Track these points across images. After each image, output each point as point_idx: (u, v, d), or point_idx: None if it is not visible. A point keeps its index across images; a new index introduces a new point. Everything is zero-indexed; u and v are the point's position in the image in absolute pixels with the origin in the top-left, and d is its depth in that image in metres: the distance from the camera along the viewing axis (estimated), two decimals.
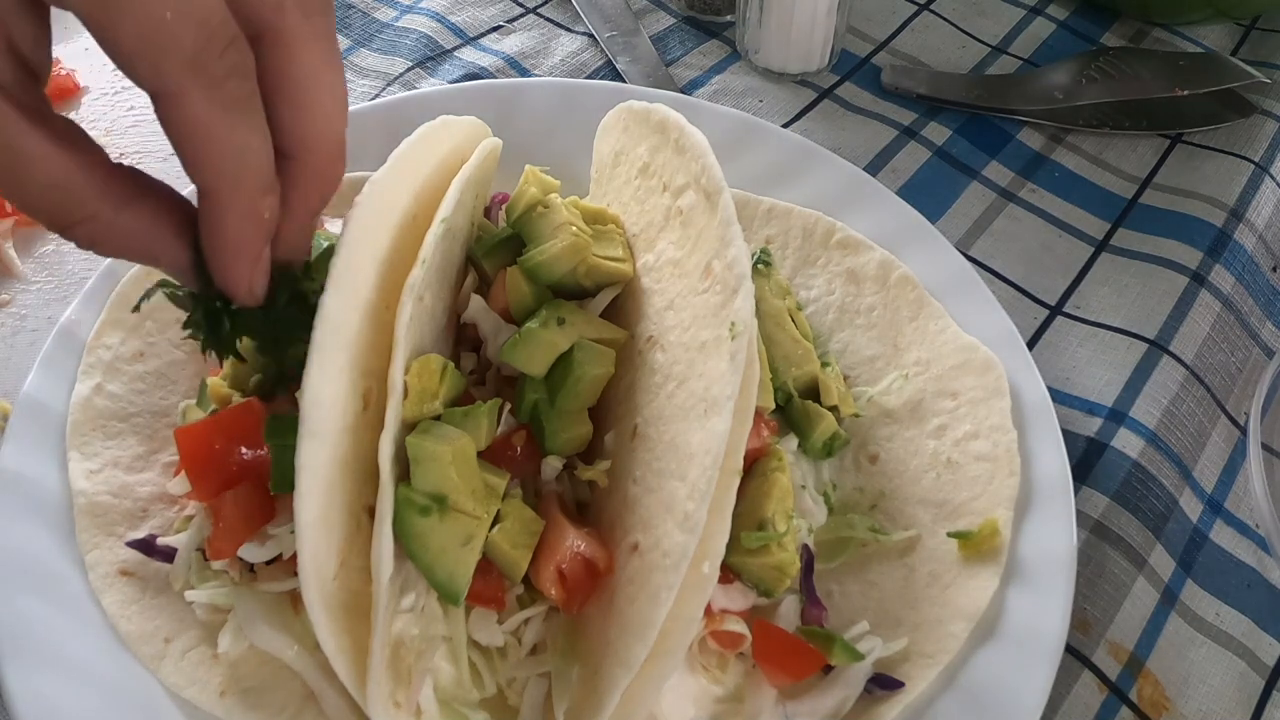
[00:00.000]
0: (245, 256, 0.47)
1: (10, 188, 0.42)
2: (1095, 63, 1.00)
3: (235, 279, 0.48)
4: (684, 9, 1.07)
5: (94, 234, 0.44)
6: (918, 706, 0.59)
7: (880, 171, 0.93)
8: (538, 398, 0.61)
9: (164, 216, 0.46)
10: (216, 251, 0.47)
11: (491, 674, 0.59)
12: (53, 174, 0.42)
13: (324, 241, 0.58)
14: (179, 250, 0.47)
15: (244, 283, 0.48)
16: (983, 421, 0.68)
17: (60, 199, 0.42)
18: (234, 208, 0.45)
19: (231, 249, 0.46)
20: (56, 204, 0.43)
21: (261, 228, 0.47)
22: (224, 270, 0.47)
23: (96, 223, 0.44)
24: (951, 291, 0.75)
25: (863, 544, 0.67)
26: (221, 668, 0.60)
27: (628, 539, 0.55)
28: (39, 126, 0.41)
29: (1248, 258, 0.89)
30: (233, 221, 0.45)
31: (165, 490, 0.67)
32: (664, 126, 0.67)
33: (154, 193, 0.47)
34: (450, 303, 0.66)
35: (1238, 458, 0.77)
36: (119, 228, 0.45)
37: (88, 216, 0.43)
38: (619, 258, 0.65)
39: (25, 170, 0.41)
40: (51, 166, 0.42)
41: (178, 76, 0.40)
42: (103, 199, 0.43)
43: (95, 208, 0.43)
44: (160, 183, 0.47)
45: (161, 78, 0.40)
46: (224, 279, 0.48)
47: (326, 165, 0.48)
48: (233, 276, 0.48)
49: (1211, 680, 0.66)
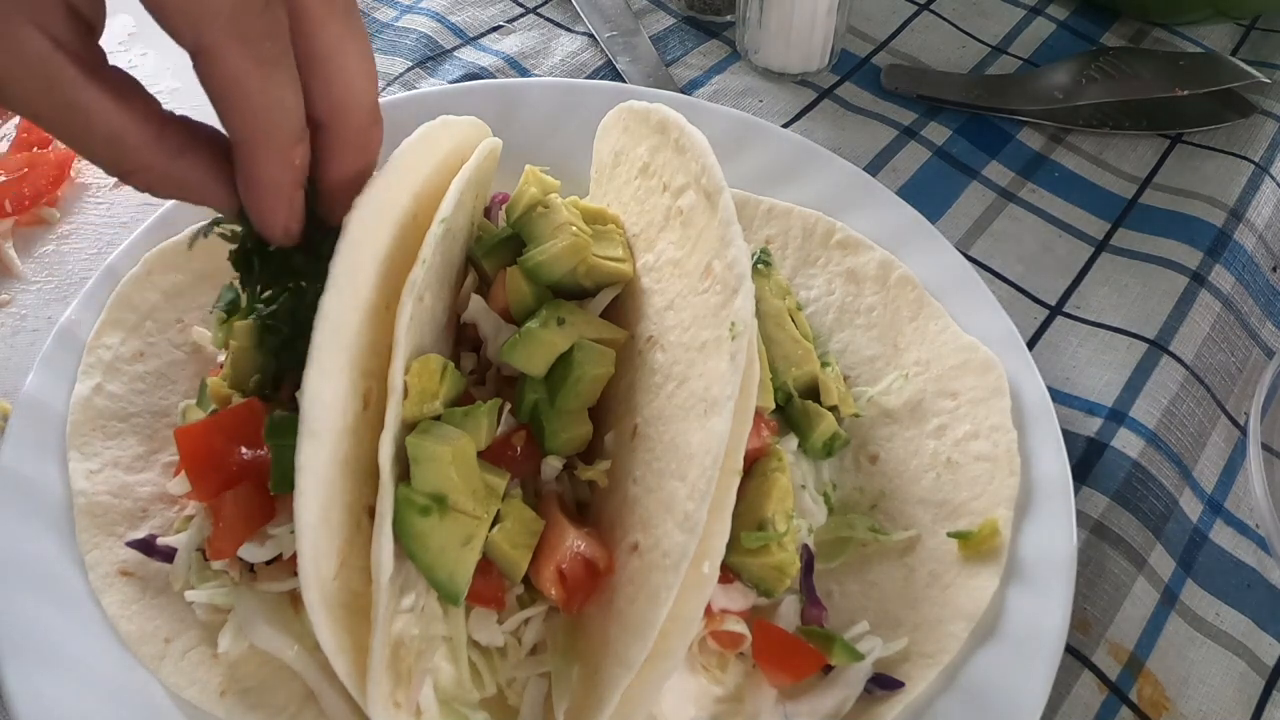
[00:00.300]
0: (280, 200, 0.50)
1: (71, 140, 0.45)
2: (1095, 63, 1.00)
3: (270, 221, 0.51)
4: (684, 9, 1.07)
5: (150, 181, 0.48)
6: (918, 706, 0.59)
7: (880, 171, 0.93)
8: (538, 398, 0.61)
9: (214, 163, 0.49)
10: (252, 196, 0.50)
11: (491, 674, 0.59)
12: (110, 127, 0.44)
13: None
14: (228, 194, 0.50)
15: (279, 224, 0.51)
16: (983, 421, 0.68)
17: (118, 152, 0.45)
18: (268, 156, 0.48)
19: (266, 193, 0.49)
20: (115, 155, 0.46)
21: (293, 174, 0.50)
22: (259, 213, 0.51)
23: (152, 172, 0.47)
24: (951, 291, 0.75)
25: (863, 544, 0.67)
26: (221, 668, 0.60)
27: (628, 539, 0.55)
28: (96, 81, 0.43)
29: (1248, 258, 0.89)
30: (267, 168, 0.48)
31: (165, 490, 0.67)
32: (664, 126, 0.67)
33: (205, 140, 0.49)
34: (450, 303, 0.66)
35: (1238, 458, 0.77)
36: (173, 176, 0.48)
37: (144, 166, 0.46)
38: (619, 258, 0.65)
39: (85, 124, 0.44)
40: (109, 120, 0.44)
41: (217, 34, 0.42)
42: (157, 149, 0.46)
43: (150, 158, 0.46)
44: (209, 128, 0.49)
45: (201, 35, 0.42)
46: (260, 221, 0.51)
47: (359, 132, 0.51)
48: (268, 219, 0.51)
49: (1211, 680, 0.66)
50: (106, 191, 0.89)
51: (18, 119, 0.93)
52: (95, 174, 0.90)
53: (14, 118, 0.94)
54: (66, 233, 0.86)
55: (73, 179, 0.89)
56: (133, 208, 0.88)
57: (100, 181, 0.90)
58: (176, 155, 0.47)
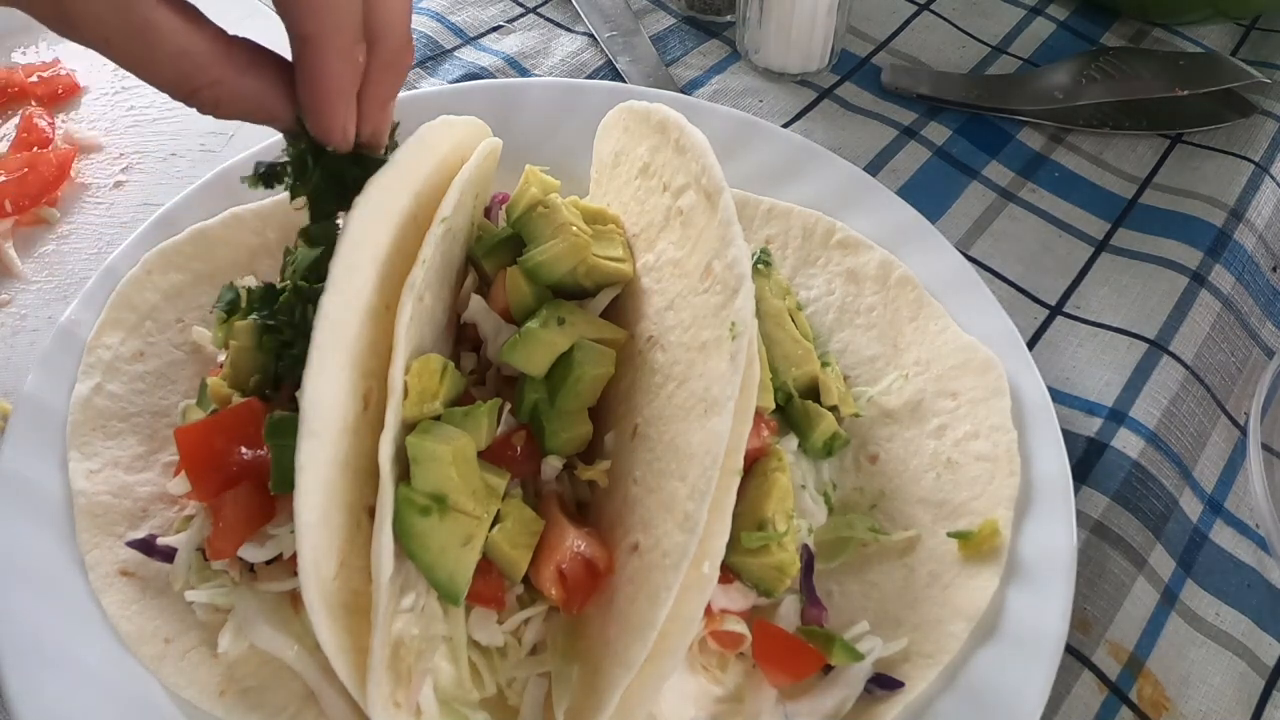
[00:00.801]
0: (342, 96, 0.53)
1: (141, 57, 0.47)
2: (1095, 63, 1.00)
3: (331, 117, 0.53)
4: (684, 9, 1.07)
5: (219, 96, 0.50)
6: (918, 706, 0.59)
7: (880, 171, 0.93)
8: (538, 398, 0.61)
9: (278, 79, 0.52)
10: (316, 92, 0.52)
11: (491, 674, 0.58)
12: (181, 43, 0.47)
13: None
14: (290, 107, 0.53)
15: (339, 122, 0.54)
16: (983, 421, 0.68)
17: (189, 66, 0.48)
18: (334, 50, 0.50)
19: (330, 88, 0.52)
20: (185, 71, 0.48)
21: (355, 70, 0.52)
22: (321, 108, 0.52)
23: (222, 86, 0.49)
24: (951, 291, 0.75)
25: (863, 544, 0.67)
26: (221, 668, 0.60)
27: (628, 539, 0.55)
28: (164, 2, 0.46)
29: (1248, 258, 0.89)
30: (332, 62, 0.50)
31: (165, 490, 0.67)
32: (664, 126, 0.67)
33: (268, 58, 0.52)
34: (450, 303, 0.66)
35: (1238, 458, 0.77)
36: (241, 90, 0.50)
37: (214, 80, 0.49)
38: (619, 258, 0.65)
39: (157, 40, 0.46)
40: (180, 37, 0.47)
41: None
42: (226, 64, 0.49)
43: (220, 72, 0.49)
44: (270, 51, 0.52)
45: None
46: (321, 118, 0.53)
47: (398, 52, 0.54)
48: (329, 115, 0.53)
49: (1211, 680, 0.66)
50: (106, 191, 0.89)
51: (18, 119, 0.93)
52: (95, 174, 0.90)
53: (14, 118, 0.94)
54: (66, 233, 0.86)
55: (73, 179, 0.89)
56: (133, 208, 0.88)
57: (100, 181, 0.90)
58: (244, 70, 0.50)
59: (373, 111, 0.56)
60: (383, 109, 0.57)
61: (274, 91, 0.52)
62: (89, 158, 0.92)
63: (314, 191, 0.59)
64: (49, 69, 0.97)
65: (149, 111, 0.95)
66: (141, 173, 0.90)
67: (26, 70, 0.96)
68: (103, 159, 0.92)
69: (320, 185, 0.59)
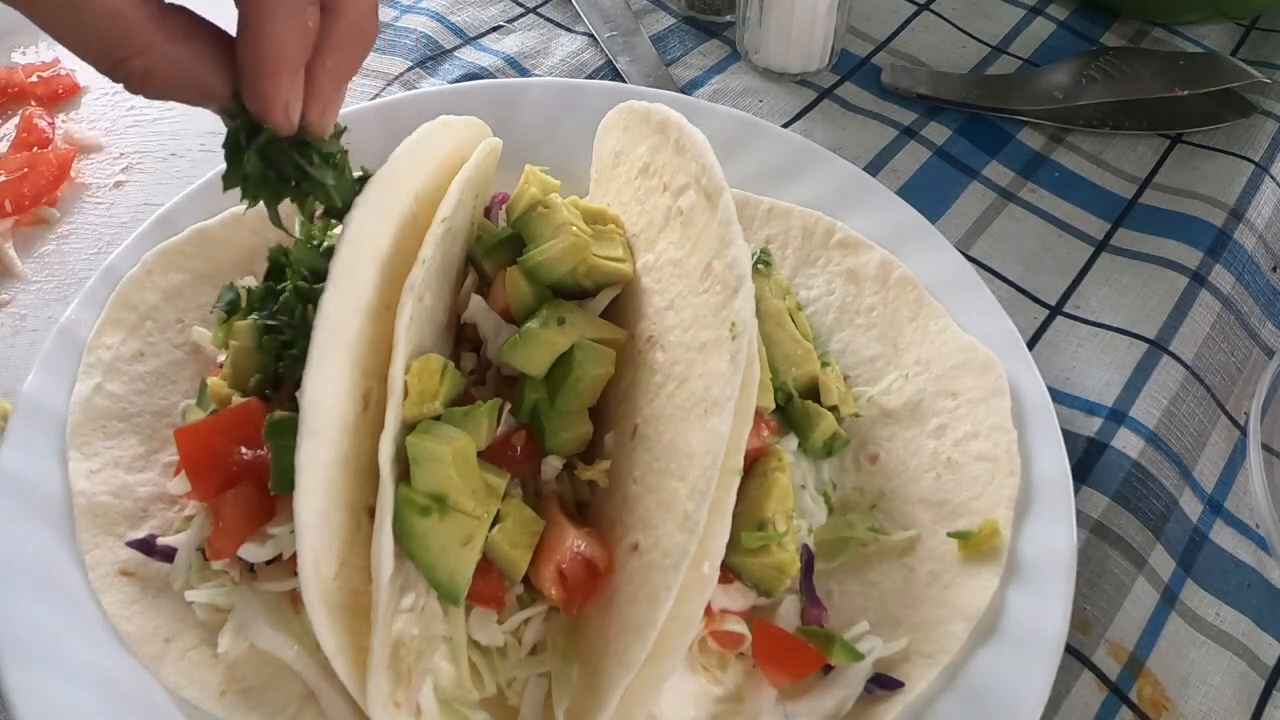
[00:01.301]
0: (285, 66, 0.46)
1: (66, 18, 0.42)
2: (1095, 63, 1.00)
3: (272, 89, 0.47)
4: (684, 9, 1.07)
5: (149, 66, 0.44)
6: (918, 706, 0.59)
7: (880, 171, 0.93)
8: (538, 398, 0.61)
9: (215, 51, 0.46)
10: (256, 57, 0.46)
11: (491, 674, 0.59)
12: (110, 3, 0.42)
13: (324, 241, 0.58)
14: (227, 85, 0.47)
15: (280, 96, 0.47)
16: (983, 421, 0.68)
17: (119, 30, 0.43)
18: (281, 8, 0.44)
19: (273, 56, 0.46)
20: (115, 36, 0.43)
21: (304, 36, 0.46)
22: (261, 77, 0.46)
23: (152, 55, 0.44)
24: (951, 291, 0.75)
25: (863, 544, 0.67)
26: (221, 668, 0.60)
27: (628, 539, 0.55)
28: None
29: (1248, 258, 0.89)
30: (278, 25, 0.45)
31: (165, 490, 0.67)
32: (664, 126, 0.67)
33: (207, 30, 0.47)
34: (450, 303, 0.66)
35: (1238, 458, 0.77)
36: (173, 61, 0.45)
37: (144, 48, 0.44)
38: (619, 258, 0.65)
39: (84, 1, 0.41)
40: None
41: None
42: (157, 30, 0.44)
43: (150, 39, 0.44)
44: (210, 23, 0.47)
45: None
46: (259, 89, 0.47)
47: (361, 21, 0.48)
48: (269, 85, 0.47)
49: (1211, 680, 0.66)
50: (106, 191, 0.89)
51: (18, 119, 0.93)
52: (95, 174, 0.90)
53: (14, 118, 0.94)
54: (66, 233, 0.86)
55: (73, 179, 0.89)
56: (133, 208, 0.88)
57: (100, 182, 0.90)
58: (178, 39, 0.45)
59: (323, 88, 0.49)
60: (336, 86, 0.50)
61: (210, 64, 0.46)
62: (89, 158, 0.92)
63: (247, 179, 0.52)
64: (49, 69, 0.97)
65: (149, 111, 0.95)
66: (141, 173, 0.90)
67: (26, 70, 0.96)
68: (103, 159, 0.92)
69: (254, 172, 0.52)
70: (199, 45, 0.46)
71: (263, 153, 0.51)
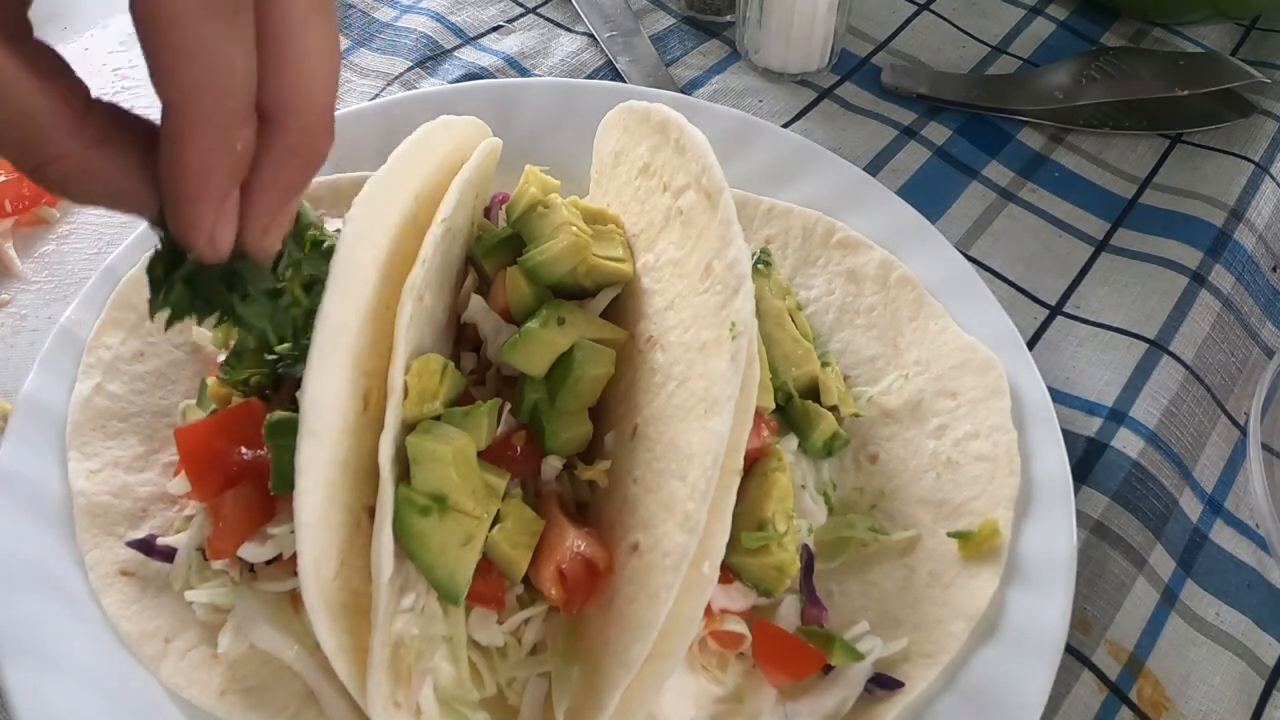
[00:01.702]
0: (209, 193, 0.41)
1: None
2: (1095, 63, 1.00)
3: (194, 219, 0.41)
4: (684, 9, 1.07)
5: (65, 173, 0.40)
6: (918, 706, 0.59)
7: (880, 171, 0.93)
8: (538, 398, 0.61)
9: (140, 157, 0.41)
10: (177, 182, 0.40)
11: (491, 674, 0.59)
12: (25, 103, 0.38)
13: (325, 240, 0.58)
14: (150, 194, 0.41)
15: (204, 226, 0.41)
16: (983, 421, 0.68)
17: (31, 131, 0.38)
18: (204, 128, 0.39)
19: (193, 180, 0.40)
20: (27, 137, 0.39)
21: (232, 160, 0.40)
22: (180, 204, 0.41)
23: (67, 161, 0.39)
24: (951, 291, 0.75)
25: (863, 544, 0.67)
26: (221, 668, 0.60)
27: (628, 539, 0.55)
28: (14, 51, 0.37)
29: (1248, 258, 0.89)
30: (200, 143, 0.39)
31: (165, 490, 0.67)
32: (664, 126, 0.67)
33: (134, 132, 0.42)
34: (450, 303, 0.66)
35: (1238, 458, 0.77)
36: (91, 167, 0.40)
37: (58, 155, 0.39)
38: (619, 258, 0.65)
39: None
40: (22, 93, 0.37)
41: None
42: (75, 135, 0.39)
43: (66, 145, 0.39)
44: (143, 120, 0.42)
45: None
46: (179, 216, 0.41)
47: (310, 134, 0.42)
48: (191, 215, 0.41)
49: (1211, 680, 0.66)
50: None
51: None
52: None
53: None
54: (66, 233, 0.86)
55: None
56: None
57: None
58: (98, 143, 0.40)
59: (262, 210, 0.43)
60: (279, 206, 0.44)
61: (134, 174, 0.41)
62: None
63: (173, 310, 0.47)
64: None
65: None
66: None
67: None
68: None
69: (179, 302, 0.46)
70: (121, 149, 0.41)
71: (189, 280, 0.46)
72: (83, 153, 0.40)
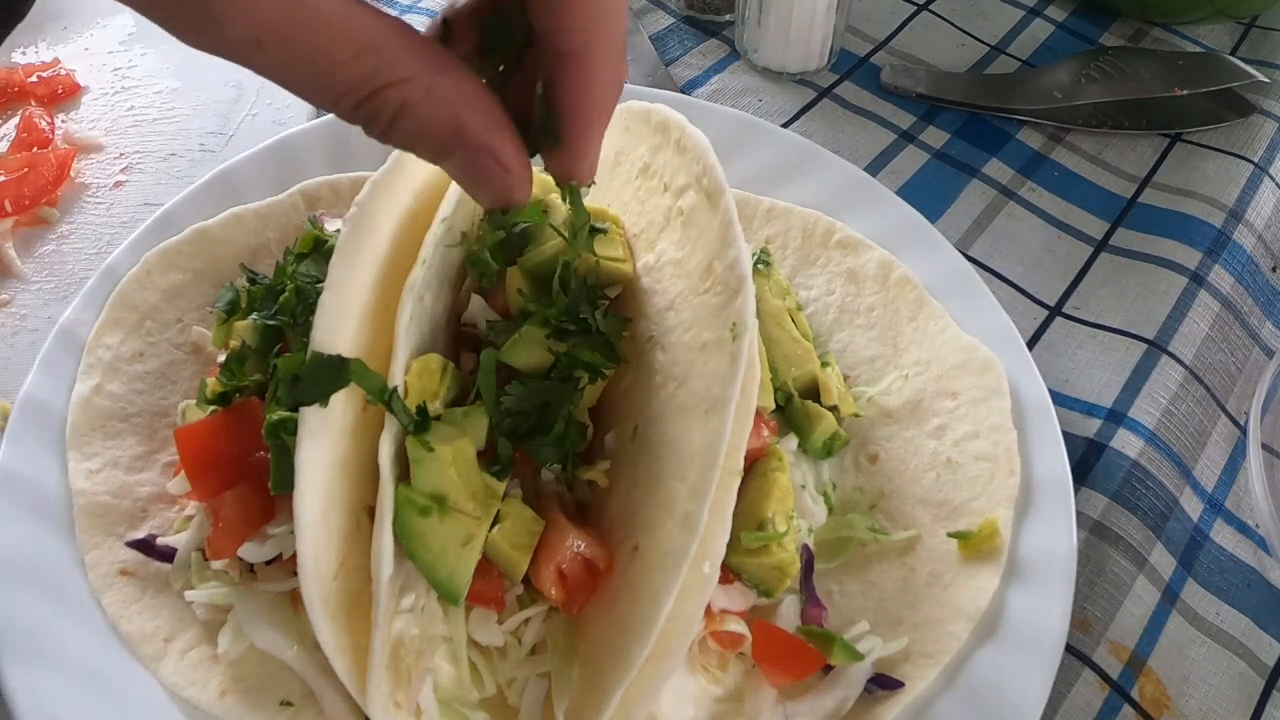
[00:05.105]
0: (604, 124, 0.45)
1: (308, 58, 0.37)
2: (1095, 62, 1.00)
3: (592, 149, 0.45)
4: (683, 9, 1.07)
5: (407, 97, 0.39)
6: (918, 706, 0.59)
7: (880, 172, 0.93)
8: None
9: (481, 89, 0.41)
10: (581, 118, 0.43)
11: (491, 674, 0.59)
12: (367, 34, 0.37)
13: (325, 240, 0.58)
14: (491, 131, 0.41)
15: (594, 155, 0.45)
16: (982, 421, 0.68)
17: (375, 62, 0.38)
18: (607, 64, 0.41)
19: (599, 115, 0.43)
20: (371, 67, 0.38)
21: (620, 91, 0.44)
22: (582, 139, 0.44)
23: (412, 85, 0.39)
24: (951, 291, 0.75)
25: (863, 544, 0.67)
26: (221, 668, 0.60)
27: (628, 539, 0.55)
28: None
29: (1247, 258, 0.89)
30: (604, 81, 0.42)
31: (165, 490, 0.67)
32: (665, 127, 0.67)
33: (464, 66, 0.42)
34: (450, 303, 0.66)
35: (1238, 458, 0.77)
36: (436, 93, 0.40)
37: (404, 78, 0.39)
38: (619, 258, 0.65)
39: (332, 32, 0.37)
40: (366, 25, 0.37)
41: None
42: (421, 60, 0.39)
43: (413, 69, 0.39)
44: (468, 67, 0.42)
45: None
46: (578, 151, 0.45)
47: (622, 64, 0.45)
48: (589, 146, 0.45)
49: (1212, 679, 0.66)
50: (106, 191, 0.89)
51: (18, 119, 0.93)
52: (95, 174, 0.90)
53: (14, 118, 0.94)
54: (66, 233, 0.86)
55: (73, 179, 0.89)
56: (133, 208, 0.88)
57: (100, 181, 0.90)
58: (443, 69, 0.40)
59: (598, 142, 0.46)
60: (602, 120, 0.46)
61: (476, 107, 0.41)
62: (89, 158, 0.91)
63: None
64: (49, 69, 0.96)
65: (149, 111, 0.95)
66: (141, 173, 0.90)
67: (26, 70, 0.96)
68: (103, 159, 0.91)
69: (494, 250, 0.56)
70: (463, 81, 0.41)
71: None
72: (430, 77, 0.39)
